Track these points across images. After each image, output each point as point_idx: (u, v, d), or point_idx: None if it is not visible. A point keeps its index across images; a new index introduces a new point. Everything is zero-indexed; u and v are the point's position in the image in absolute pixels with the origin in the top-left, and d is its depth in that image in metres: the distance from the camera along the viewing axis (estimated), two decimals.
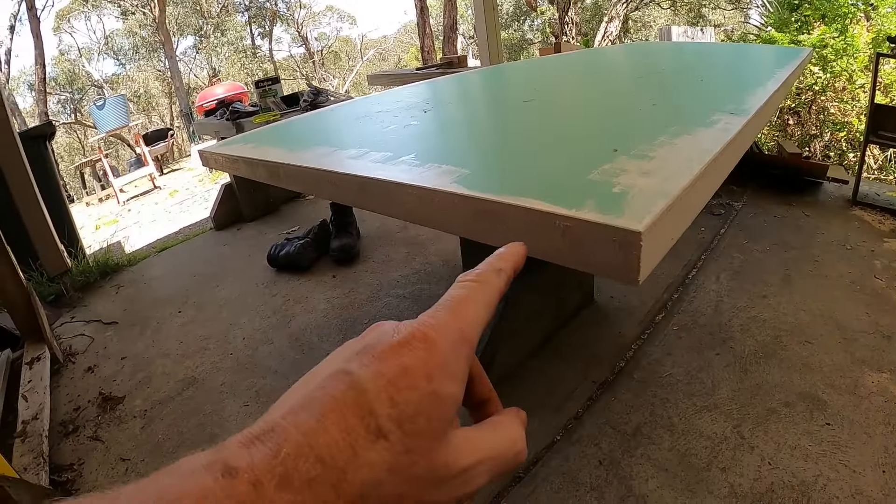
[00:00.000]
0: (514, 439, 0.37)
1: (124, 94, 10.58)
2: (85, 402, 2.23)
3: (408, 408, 0.30)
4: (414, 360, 0.32)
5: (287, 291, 2.85)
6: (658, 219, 0.63)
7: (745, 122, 1.02)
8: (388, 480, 0.29)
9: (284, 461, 0.27)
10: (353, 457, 0.28)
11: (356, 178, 1.00)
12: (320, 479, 0.27)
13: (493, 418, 0.39)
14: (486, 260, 0.42)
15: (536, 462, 1.60)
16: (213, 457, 0.27)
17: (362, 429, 0.29)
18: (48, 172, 3.91)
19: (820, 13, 6.46)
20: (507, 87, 2.20)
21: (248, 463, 0.27)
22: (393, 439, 0.30)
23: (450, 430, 0.33)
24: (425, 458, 0.31)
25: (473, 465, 0.33)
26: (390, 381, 0.31)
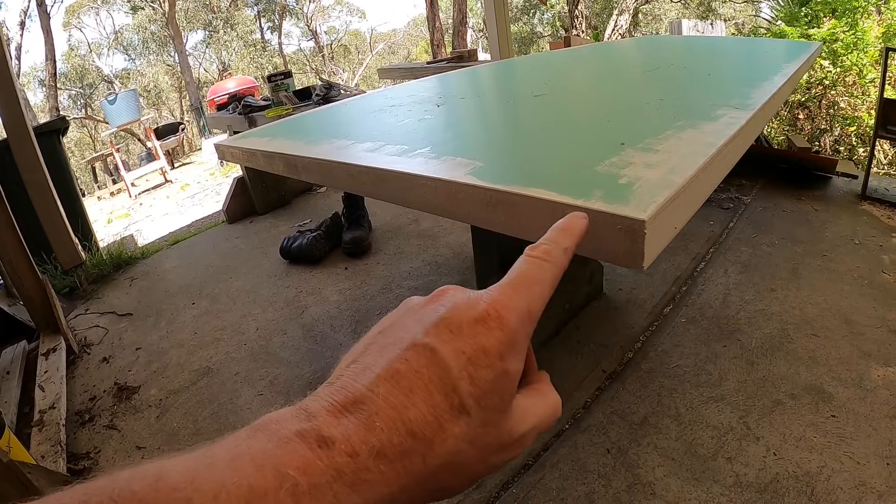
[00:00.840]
0: (556, 405, 0.41)
1: (135, 89, 10.62)
2: (100, 391, 2.26)
3: (485, 385, 0.33)
4: (490, 341, 0.34)
5: (300, 283, 2.88)
6: (662, 208, 0.65)
7: (749, 117, 1.03)
8: (466, 450, 0.32)
9: (379, 434, 0.29)
10: (439, 430, 0.31)
11: (373, 170, 1.03)
12: (412, 451, 0.30)
13: (538, 386, 0.41)
14: (553, 235, 0.44)
15: (546, 449, 1.63)
16: (304, 424, 0.29)
17: (447, 405, 0.32)
18: (62, 167, 3.96)
19: (830, 7, 6.43)
20: (518, 81, 2.22)
21: (343, 434, 0.29)
22: (473, 414, 0.32)
23: (512, 402, 0.36)
24: (496, 428, 0.34)
25: (528, 431, 0.37)
26: (470, 359, 0.33)
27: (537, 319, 0.38)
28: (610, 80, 1.98)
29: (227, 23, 23.64)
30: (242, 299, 2.82)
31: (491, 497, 1.51)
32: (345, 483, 0.28)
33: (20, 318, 2.80)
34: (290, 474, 0.26)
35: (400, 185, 0.98)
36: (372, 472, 0.29)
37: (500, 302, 0.36)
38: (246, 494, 0.25)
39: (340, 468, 0.28)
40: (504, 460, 0.36)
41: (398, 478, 0.30)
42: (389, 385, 0.31)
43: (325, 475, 0.27)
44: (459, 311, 0.35)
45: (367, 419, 0.30)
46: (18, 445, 1.71)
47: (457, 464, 0.32)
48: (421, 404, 0.31)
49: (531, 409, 0.38)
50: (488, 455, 0.34)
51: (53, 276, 3.30)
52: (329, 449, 0.28)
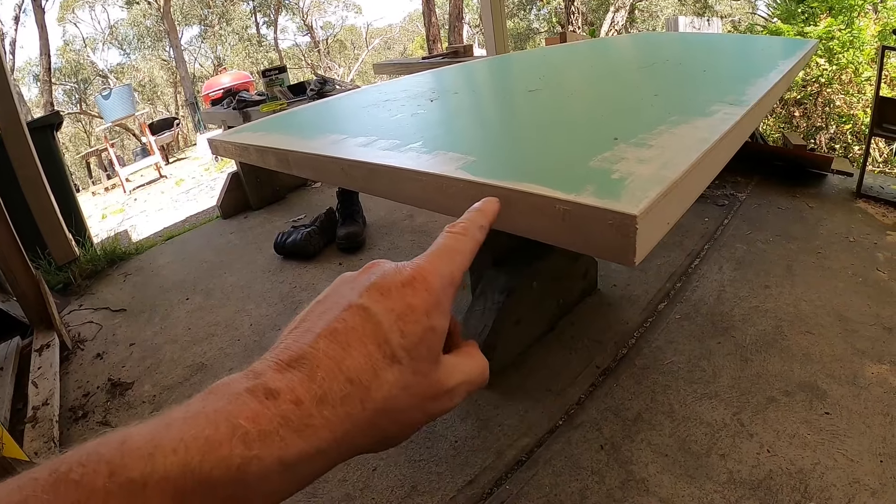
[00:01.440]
0: (483, 366, 0.45)
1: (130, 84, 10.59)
2: (94, 388, 2.25)
3: (414, 338, 0.37)
4: (417, 300, 0.38)
5: (294, 279, 2.87)
6: (653, 203, 0.65)
7: (743, 113, 1.03)
8: (400, 396, 0.36)
9: (321, 383, 0.33)
10: (374, 377, 0.35)
11: (365, 164, 1.03)
12: (351, 396, 0.34)
13: (466, 349, 0.46)
14: (469, 215, 0.48)
15: (539, 445, 1.62)
16: (252, 381, 0.33)
17: (380, 354, 0.36)
18: (55, 162, 3.93)
19: (827, 5, 6.44)
20: (513, 76, 2.21)
21: (288, 385, 0.32)
22: (405, 363, 0.37)
23: (441, 356, 0.40)
24: (427, 377, 0.38)
25: (457, 385, 0.41)
26: (399, 315, 0.37)
27: (458, 285, 0.43)
28: (605, 75, 1.98)
29: (223, 17, 23.58)
30: (236, 295, 2.81)
31: (484, 493, 1.51)
32: (291, 429, 0.31)
33: (13, 314, 2.78)
34: (241, 424, 0.30)
35: (391, 179, 0.98)
36: (316, 417, 0.32)
37: (425, 268, 0.41)
38: (202, 445, 0.28)
39: (286, 415, 0.31)
40: (439, 409, 0.40)
41: (340, 422, 0.33)
42: (328, 341, 0.35)
43: (273, 422, 0.31)
44: (389, 277, 0.39)
45: (309, 371, 0.33)
46: (11, 442, 1.70)
47: (393, 409, 0.36)
48: (357, 355, 0.35)
49: (459, 365, 0.42)
50: (422, 402, 0.38)
51: (47, 271, 3.28)
52: (276, 399, 0.31)
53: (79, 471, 0.26)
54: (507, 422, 1.71)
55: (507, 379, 1.87)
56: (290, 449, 0.31)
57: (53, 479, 0.26)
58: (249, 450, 0.29)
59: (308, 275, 2.89)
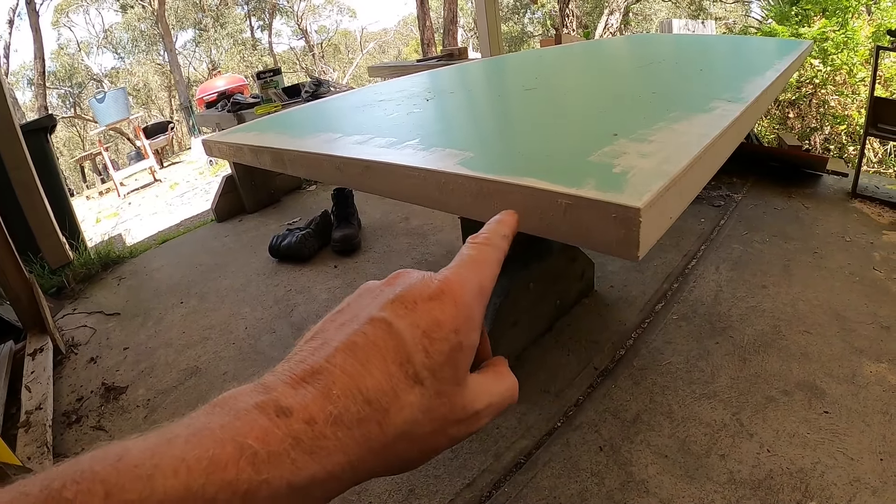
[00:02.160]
0: (513, 386, 0.43)
1: (124, 88, 10.57)
2: (88, 392, 2.24)
3: (440, 357, 0.35)
4: (444, 315, 0.36)
5: (289, 282, 2.86)
6: (657, 197, 0.64)
7: (742, 109, 1.03)
8: (422, 420, 0.34)
9: (336, 402, 0.31)
10: (395, 399, 0.33)
11: (361, 161, 1.01)
12: (368, 419, 0.32)
13: (495, 368, 0.44)
14: (490, 226, 0.47)
15: (538, 447, 1.61)
16: (262, 396, 0.30)
17: (402, 374, 0.33)
18: (49, 165, 3.92)
19: (821, 6, 6.46)
20: (509, 76, 2.21)
21: (301, 403, 0.30)
22: (427, 385, 0.34)
23: (468, 376, 0.38)
24: (451, 400, 0.36)
25: (484, 408, 0.38)
26: (425, 332, 0.35)
27: (489, 296, 0.41)
28: (601, 74, 1.98)
29: (217, 21, 23.58)
30: (231, 298, 2.80)
31: (483, 496, 1.50)
32: (303, 450, 0.29)
33: (7, 318, 2.77)
34: (249, 444, 0.28)
35: (388, 176, 0.96)
36: (329, 439, 0.30)
37: (453, 280, 0.38)
38: (206, 467, 0.26)
39: (298, 435, 0.29)
40: (463, 433, 0.38)
41: (356, 445, 0.31)
42: (346, 356, 0.33)
43: (284, 443, 0.28)
44: (415, 290, 0.37)
45: (324, 388, 0.31)
46: (4, 447, 1.69)
47: (413, 434, 0.34)
48: (377, 373, 0.33)
49: (487, 386, 0.40)
50: (445, 426, 0.36)
51: (41, 275, 3.27)
52: (287, 418, 0.29)
53: (72, 489, 0.24)
54: (504, 424, 1.70)
55: None
56: (302, 472, 0.29)
57: (45, 496, 0.24)
58: (258, 474, 0.27)
59: (303, 278, 2.87)
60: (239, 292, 2.84)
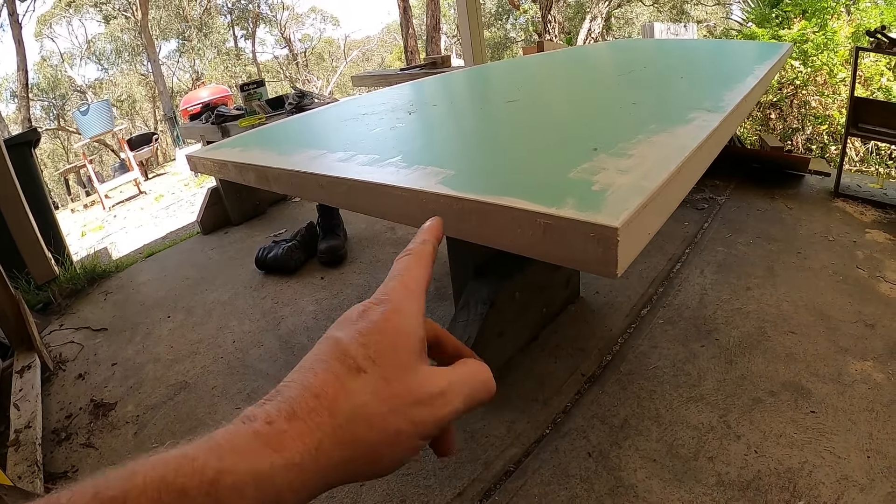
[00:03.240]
0: (480, 371, 0.45)
1: (108, 100, 10.50)
2: (77, 409, 2.22)
3: (378, 347, 0.39)
4: (376, 314, 0.40)
5: (276, 294, 2.85)
6: (634, 215, 0.65)
7: (721, 119, 1.04)
8: (371, 401, 0.37)
9: (289, 402, 0.35)
10: (340, 388, 0.36)
11: (345, 181, 1.02)
12: (318, 408, 0.35)
13: (461, 360, 0.47)
14: (414, 239, 0.51)
15: (527, 455, 1.62)
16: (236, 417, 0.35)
17: (344, 368, 0.37)
18: (34, 180, 3.90)
19: (800, 8, 6.52)
20: (491, 87, 2.21)
21: (263, 410, 0.35)
22: (370, 371, 0.38)
23: (417, 363, 0.41)
24: (401, 381, 0.39)
25: (445, 389, 0.41)
26: (360, 332, 0.39)
27: (422, 292, 0.44)
28: (583, 84, 1.99)
29: (201, 31, 23.50)
30: (218, 311, 2.79)
31: None
32: (263, 442, 0.33)
33: None
34: (217, 441, 0.32)
35: (371, 195, 0.97)
36: (287, 431, 0.33)
37: (381, 291, 0.43)
38: (179, 459, 0.30)
39: (259, 431, 0.33)
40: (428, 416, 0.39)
41: (311, 432, 0.34)
42: (299, 372, 0.38)
43: (246, 437, 0.33)
44: (352, 311, 0.42)
45: (282, 398, 0.35)
46: None
47: (367, 415, 0.36)
48: (322, 373, 0.37)
49: (446, 371, 0.42)
50: (402, 407, 0.38)
51: (26, 291, 3.24)
52: (252, 422, 0.34)
53: (66, 495, 0.28)
54: (494, 433, 1.71)
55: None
56: (263, 461, 0.32)
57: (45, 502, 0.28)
58: (221, 461, 0.31)
59: (290, 290, 2.87)
60: (226, 305, 2.83)
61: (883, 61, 5.67)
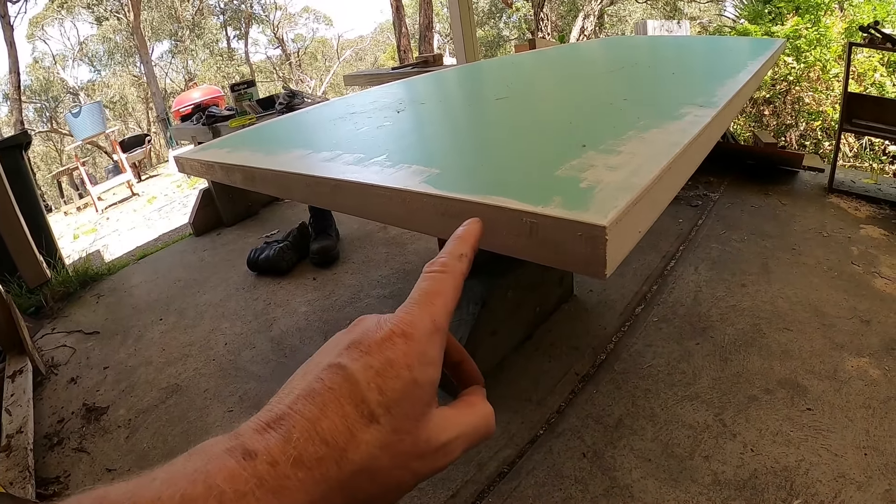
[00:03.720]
0: (486, 416, 0.43)
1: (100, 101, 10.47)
2: (69, 413, 2.21)
3: (394, 395, 0.36)
4: (396, 354, 0.37)
5: (268, 295, 2.84)
6: (623, 213, 0.63)
7: (714, 114, 1.02)
8: (380, 456, 0.35)
9: (296, 444, 0.32)
10: (351, 438, 0.34)
11: (329, 181, 1.00)
12: (326, 458, 0.33)
13: (467, 398, 0.45)
14: (449, 247, 0.48)
15: (521, 456, 1.61)
16: (233, 442, 0.32)
17: (357, 415, 0.34)
18: (25, 183, 3.88)
19: (794, 5, 6.53)
20: (481, 84, 2.20)
21: (265, 447, 0.32)
22: (383, 422, 0.35)
23: (430, 411, 0.38)
24: (411, 435, 0.37)
25: (451, 441, 0.39)
26: (378, 372, 0.36)
27: (446, 328, 0.41)
28: (573, 80, 1.97)
29: (193, 32, 23.46)
30: (210, 313, 2.77)
31: None
32: (267, 490, 0.30)
33: None
34: (218, 484, 0.29)
35: (355, 195, 0.95)
36: (291, 479, 0.31)
37: (405, 320, 0.39)
38: (179, 502, 0.28)
39: (262, 476, 0.31)
40: (428, 469, 0.38)
41: (316, 484, 0.32)
42: (306, 401, 0.35)
43: (249, 483, 0.30)
44: (369, 333, 0.38)
45: (286, 432, 0.33)
46: None
47: (373, 469, 0.35)
48: (333, 416, 0.34)
49: (454, 418, 0.41)
50: (409, 462, 0.37)
51: (18, 294, 3.23)
52: (252, 460, 0.31)
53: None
54: None
55: (487, 390, 1.84)
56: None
57: None
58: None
59: (282, 291, 2.85)
60: (218, 307, 2.82)
61: (876, 57, 5.68)
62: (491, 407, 0.44)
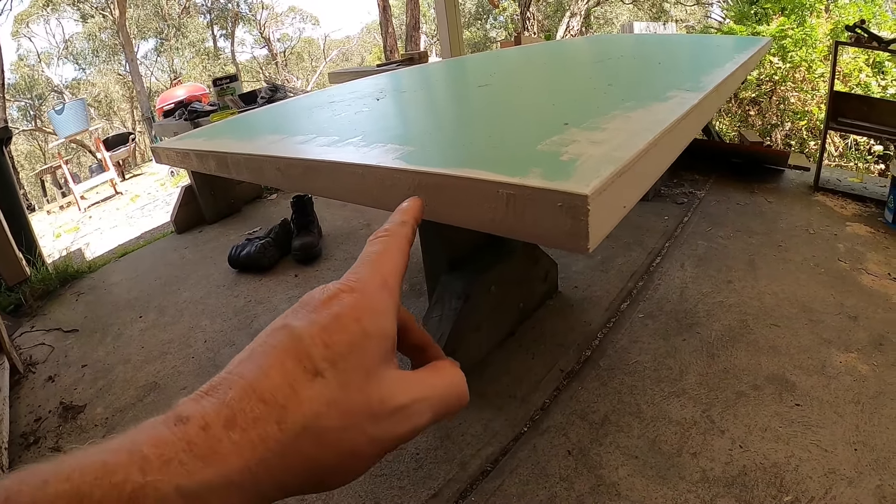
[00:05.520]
0: (453, 382, 0.42)
1: (84, 99, 10.38)
2: (46, 412, 2.16)
3: (340, 348, 0.34)
4: (342, 308, 0.36)
5: (249, 292, 2.80)
6: (606, 183, 0.60)
7: (701, 97, 1.00)
8: (326, 413, 0.32)
9: (230, 404, 0.30)
10: (292, 395, 0.31)
11: (301, 161, 0.97)
12: (264, 417, 0.30)
13: (433, 363, 0.43)
14: (391, 217, 0.47)
15: (504, 454, 1.57)
16: (168, 413, 0.31)
17: (300, 370, 0.32)
18: (5, 179, 3.82)
19: (780, 5, 6.57)
20: (464, 75, 2.18)
21: (199, 411, 0.30)
22: (328, 376, 0.33)
23: (384, 368, 0.36)
24: (362, 393, 0.34)
25: (411, 403, 0.37)
26: (323, 327, 0.34)
27: (396, 285, 0.40)
28: (557, 70, 1.96)
29: (179, 30, 23.36)
30: (190, 311, 2.73)
31: None
32: (195, 455, 0.28)
33: None
34: (142, 450, 0.28)
35: (328, 175, 0.92)
36: (224, 442, 0.29)
37: (351, 278, 0.39)
38: (98, 470, 0.26)
39: (191, 439, 0.29)
40: (387, 434, 0.35)
41: (253, 447, 0.30)
42: (245, 363, 0.33)
43: (175, 447, 0.28)
44: (315, 294, 0.37)
45: (221, 395, 0.31)
46: None
47: (320, 430, 0.32)
48: (273, 373, 0.32)
49: (415, 380, 0.38)
50: (360, 422, 0.34)
51: None
52: (184, 425, 0.29)
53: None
54: (470, 431, 1.66)
55: (469, 387, 1.80)
56: (193, 476, 0.28)
57: None
58: (144, 476, 0.27)
59: (263, 288, 2.81)
60: (198, 305, 2.77)
61: (861, 58, 5.71)
62: (462, 374, 0.42)
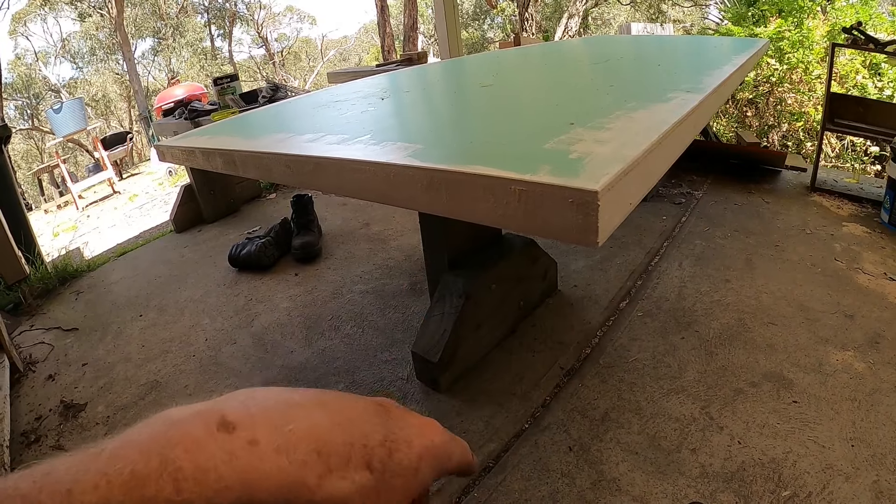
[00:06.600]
0: None
1: (81, 98, 10.37)
2: (46, 410, 2.17)
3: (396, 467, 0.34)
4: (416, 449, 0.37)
5: (249, 291, 2.80)
6: (615, 180, 0.61)
7: (701, 99, 1.01)
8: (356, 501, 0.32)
9: (287, 436, 0.29)
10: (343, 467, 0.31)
11: (311, 158, 0.98)
12: (310, 466, 0.29)
13: None
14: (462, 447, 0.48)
15: (506, 450, 1.59)
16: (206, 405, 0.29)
17: (360, 453, 0.33)
18: (4, 177, 3.81)
19: (777, 7, 6.58)
20: (465, 75, 2.19)
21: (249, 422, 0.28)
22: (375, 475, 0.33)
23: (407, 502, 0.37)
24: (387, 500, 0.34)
25: None
26: (399, 439, 0.36)
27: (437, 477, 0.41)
28: (559, 71, 1.97)
29: (177, 30, 23.31)
30: (191, 309, 2.74)
31: (452, 502, 1.47)
32: (235, 469, 0.26)
33: None
34: (174, 458, 0.25)
35: (338, 172, 0.93)
36: (269, 464, 0.27)
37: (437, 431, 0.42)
38: (128, 481, 0.24)
39: (235, 452, 0.26)
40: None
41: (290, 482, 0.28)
42: (318, 407, 0.32)
43: (215, 458, 0.26)
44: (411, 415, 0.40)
45: (280, 420, 0.29)
46: None
47: None
48: (338, 438, 0.32)
49: None
50: None
51: None
52: (228, 434, 0.27)
53: None
54: (471, 428, 1.67)
55: (470, 385, 1.83)
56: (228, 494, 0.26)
57: None
58: (178, 494, 0.25)
59: (263, 286, 2.82)
60: (198, 303, 2.78)
61: (858, 59, 5.73)
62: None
